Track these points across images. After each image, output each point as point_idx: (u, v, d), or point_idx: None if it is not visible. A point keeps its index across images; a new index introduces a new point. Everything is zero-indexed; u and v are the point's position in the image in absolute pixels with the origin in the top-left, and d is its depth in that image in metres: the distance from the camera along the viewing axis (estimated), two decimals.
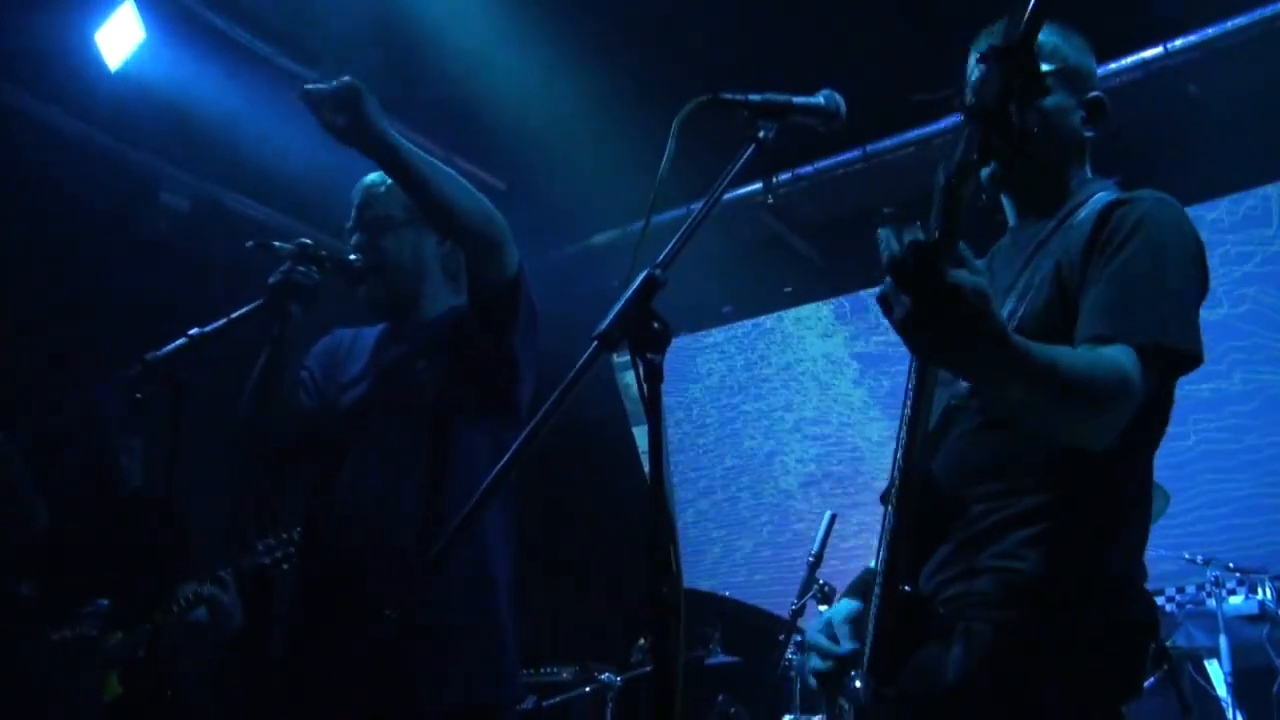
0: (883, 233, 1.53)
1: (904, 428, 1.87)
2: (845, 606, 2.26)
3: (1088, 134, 2.25)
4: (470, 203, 2.81)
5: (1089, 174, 2.27)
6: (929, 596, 2.00)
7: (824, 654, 2.22)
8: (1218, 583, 5.26)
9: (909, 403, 1.86)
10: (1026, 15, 1.56)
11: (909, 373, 1.85)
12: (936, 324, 1.50)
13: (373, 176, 3.21)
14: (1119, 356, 1.84)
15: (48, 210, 5.52)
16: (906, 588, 1.87)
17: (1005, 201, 2.33)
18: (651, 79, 5.69)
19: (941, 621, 1.96)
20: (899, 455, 1.90)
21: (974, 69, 2.22)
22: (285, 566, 4.43)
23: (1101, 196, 2.15)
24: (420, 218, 3.14)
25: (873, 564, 2.35)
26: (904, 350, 1.63)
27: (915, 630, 1.89)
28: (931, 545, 2.05)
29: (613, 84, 5.88)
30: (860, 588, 2.25)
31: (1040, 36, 2.13)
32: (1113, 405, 1.81)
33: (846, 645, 2.18)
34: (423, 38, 5.66)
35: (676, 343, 8.69)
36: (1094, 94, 2.25)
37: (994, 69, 1.56)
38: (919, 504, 1.96)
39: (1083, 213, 2.13)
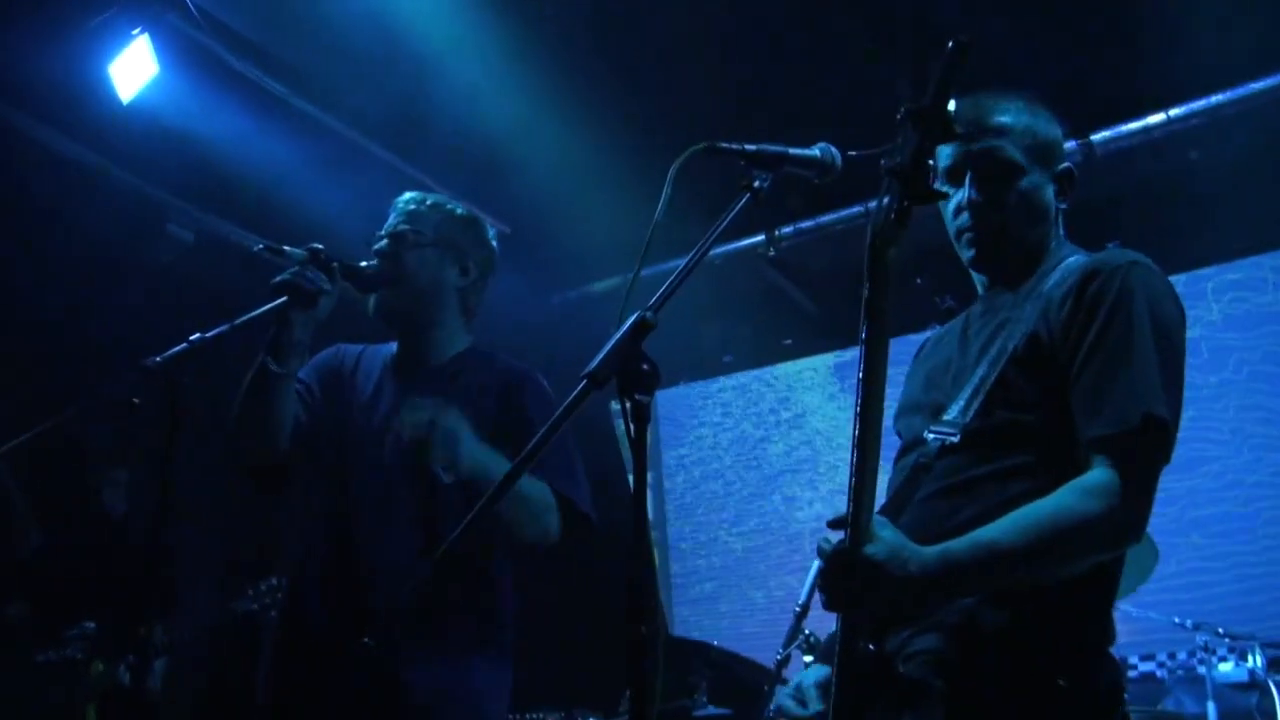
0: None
1: (849, 500, 1.81)
2: (817, 672, 2.20)
3: (1060, 205, 2.27)
4: (532, 527, 2.89)
5: (1062, 241, 2.28)
6: (890, 655, 1.97)
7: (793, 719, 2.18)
8: (1208, 649, 5.22)
9: (852, 477, 1.78)
10: (938, 80, 1.63)
11: (852, 446, 1.78)
12: (874, 594, 1.78)
13: (412, 193, 3.21)
14: (1087, 483, 1.89)
15: (54, 237, 5.56)
16: (871, 646, 1.86)
17: (977, 275, 2.34)
18: (657, 130, 5.73)
19: (901, 680, 1.93)
20: (849, 524, 1.82)
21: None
22: (273, 613, 4.46)
23: (1073, 262, 2.16)
24: (449, 246, 3.14)
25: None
26: None
27: (874, 689, 1.86)
28: None
29: (619, 133, 5.93)
30: (830, 652, 2.23)
31: (1009, 118, 2.23)
32: (1087, 539, 1.87)
33: (815, 708, 2.13)
34: (431, 82, 5.71)
35: (677, 391, 8.73)
36: (1063, 166, 2.27)
37: (910, 129, 1.64)
38: None
39: (1053, 278, 2.14)
